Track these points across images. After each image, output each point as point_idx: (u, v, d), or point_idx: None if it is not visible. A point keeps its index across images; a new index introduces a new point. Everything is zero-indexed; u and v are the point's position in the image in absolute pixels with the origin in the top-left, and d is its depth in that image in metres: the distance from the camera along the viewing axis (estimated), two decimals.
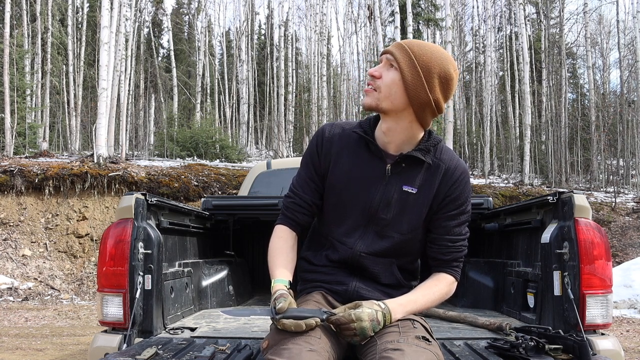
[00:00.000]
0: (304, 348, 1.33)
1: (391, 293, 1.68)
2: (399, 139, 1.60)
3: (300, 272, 1.78)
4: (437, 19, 16.41)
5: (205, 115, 21.16)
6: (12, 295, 8.74)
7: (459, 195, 1.64)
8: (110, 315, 1.98)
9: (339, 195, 1.66)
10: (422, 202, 1.62)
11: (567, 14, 28.33)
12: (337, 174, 1.65)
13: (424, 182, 1.61)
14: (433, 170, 1.62)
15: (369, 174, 1.62)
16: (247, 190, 4.44)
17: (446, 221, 1.65)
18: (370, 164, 1.62)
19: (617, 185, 15.39)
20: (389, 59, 1.54)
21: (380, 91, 1.54)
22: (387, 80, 1.53)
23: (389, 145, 1.61)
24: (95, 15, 18.89)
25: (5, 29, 13.84)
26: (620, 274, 7.76)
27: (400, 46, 1.54)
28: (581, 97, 24.03)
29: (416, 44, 1.55)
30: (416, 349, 1.35)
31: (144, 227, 2.01)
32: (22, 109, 14.97)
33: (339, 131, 1.69)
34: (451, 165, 1.63)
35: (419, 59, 1.51)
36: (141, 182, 10.37)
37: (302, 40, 29.08)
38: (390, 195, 1.60)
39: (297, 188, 1.72)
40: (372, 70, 1.55)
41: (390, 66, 1.54)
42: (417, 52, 1.52)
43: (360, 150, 1.64)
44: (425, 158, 1.59)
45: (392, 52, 1.54)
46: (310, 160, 1.70)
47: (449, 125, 14.41)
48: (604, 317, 1.91)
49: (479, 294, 2.81)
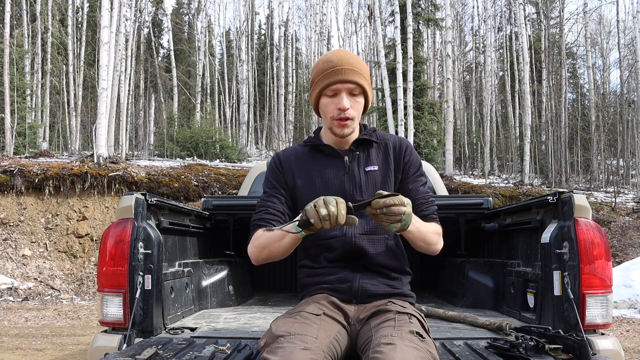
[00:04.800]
0: (297, 347, 1.35)
1: (396, 285, 1.70)
2: (351, 138, 1.78)
3: (300, 279, 1.78)
4: (437, 19, 16.40)
5: (205, 115, 21.16)
6: (12, 295, 8.74)
7: (414, 160, 1.81)
8: (110, 315, 1.98)
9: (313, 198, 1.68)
10: (386, 175, 1.77)
11: (567, 14, 28.37)
12: (304, 184, 1.76)
13: (381, 159, 1.79)
14: (383, 148, 1.80)
15: (332, 171, 1.76)
16: (247, 190, 4.44)
17: (413, 184, 1.79)
18: (329, 163, 1.77)
19: (617, 185, 15.40)
20: (351, 88, 1.67)
21: (355, 118, 1.72)
22: (358, 109, 1.72)
23: (341, 146, 1.79)
24: (95, 15, 18.88)
25: (5, 29, 13.84)
26: (620, 274, 7.76)
27: (356, 70, 1.68)
28: (581, 97, 24.03)
29: (353, 57, 1.71)
30: (408, 344, 1.37)
31: (144, 227, 2.01)
32: (22, 109, 14.97)
33: (291, 152, 1.85)
34: (395, 140, 1.83)
35: (365, 71, 1.71)
36: (141, 182, 10.37)
37: (302, 40, 29.13)
38: (358, 178, 1.74)
39: (266, 202, 1.77)
40: (342, 106, 1.67)
41: (352, 94, 1.69)
42: (361, 65, 1.70)
43: (316, 157, 1.79)
44: (372, 138, 1.79)
45: (356, 82, 1.67)
46: (274, 179, 1.80)
47: (449, 125, 14.41)
48: (604, 317, 1.91)
49: (479, 294, 2.81)
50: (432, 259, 2.77)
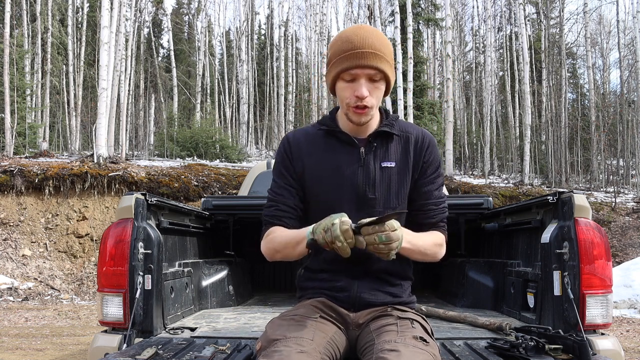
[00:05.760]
0: (294, 350, 1.33)
1: (396, 293, 1.66)
2: (370, 126, 1.66)
3: (299, 282, 1.75)
4: (437, 19, 16.41)
5: (205, 115, 21.15)
6: (12, 295, 8.74)
7: (434, 159, 1.69)
8: (110, 315, 1.98)
9: (322, 190, 1.65)
10: (403, 173, 1.66)
11: (567, 14, 28.36)
12: (314, 172, 1.66)
13: (400, 154, 1.66)
14: (404, 142, 1.67)
15: (346, 161, 1.64)
16: (247, 190, 4.44)
17: (428, 186, 1.68)
18: (343, 152, 1.65)
19: (617, 185, 15.40)
20: (371, 74, 1.53)
21: (373, 107, 1.58)
22: (378, 95, 1.58)
23: (358, 133, 1.66)
24: (95, 15, 18.88)
25: (5, 29, 13.84)
26: (620, 274, 7.76)
27: (379, 53, 1.52)
28: (581, 97, 24.03)
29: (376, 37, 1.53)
30: (413, 349, 1.35)
31: (144, 227, 2.00)
32: (22, 109, 14.97)
33: (302, 134, 1.72)
34: (418, 134, 1.69)
35: (389, 54, 1.55)
36: (141, 182, 10.37)
37: (302, 40, 29.12)
38: (372, 174, 1.63)
39: (277, 196, 1.68)
40: (360, 94, 1.54)
41: (372, 81, 1.55)
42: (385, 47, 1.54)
43: (330, 143, 1.67)
44: (393, 130, 1.66)
45: (377, 67, 1.53)
46: (283, 168, 1.69)
47: (449, 125, 14.41)
48: (604, 317, 1.91)
49: (479, 294, 2.81)
50: None
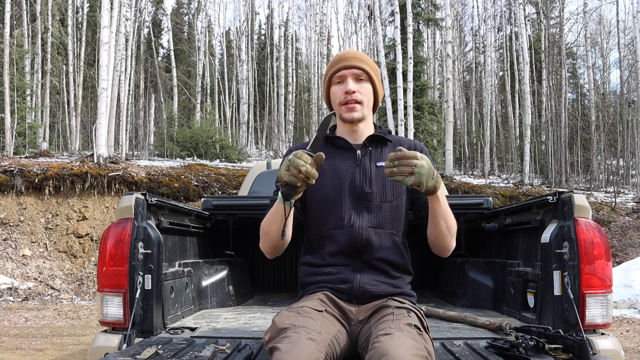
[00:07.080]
0: (303, 336, 1.37)
1: (397, 284, 1.70)
2: (365, 133, 1.81)
3: (301, 277, 1.78)
4: (437, 19, 16.41)
5: (205, 115, 21.15)
6: (12, 295, 8.74)
7: None
8: (110, 315, 1.98)
9: (323, 191, 1.74)
10: None
11: (567, 14, 28.36)
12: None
13: None
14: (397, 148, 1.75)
15: (343, 164, 1.77)
16: (247, 190, 4.44)
17: None
18: (341, 156, 1.78)
19: (617, 185, 15.40)
20: (357, 73, 1.74)
21: (364, 103, 1.75)
22: (366, 92, 1.76)
23: (354, 139, 1.82)
24: (95, 15, 18.88)
25: (5, 29, 13.83)
26: (620, 274, 7.76)
27: (362, 59, 1.76)
28: (581, 97, 24.03)
29: (360, 52, 1.81)
30: (406, 334, 1.40)
31: (144, 227, 2.00)
32: (22, 109, 14.97)
33: (302, 146, 1.81)
34: (410, 143, 1.83)
35: (373, 65, 1.79)
36: (141, 182, 10.37)
37: (302, 40, 29.11)
38: (369, 172, 1.75)
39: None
40: (348, 89, 1.73)
41: (358, 80, 1.75)
42: (369, 60, 1.78)
43: (329, 151, 1.77)
44: (387, 136, 1.82)
45: (360, 67, 1.74)
46: None
47: (449, 125, 14.40)
48: (603, 317, 1.91)
49: (479, 294, 2.81)
50: (432, 259, 2.77)
